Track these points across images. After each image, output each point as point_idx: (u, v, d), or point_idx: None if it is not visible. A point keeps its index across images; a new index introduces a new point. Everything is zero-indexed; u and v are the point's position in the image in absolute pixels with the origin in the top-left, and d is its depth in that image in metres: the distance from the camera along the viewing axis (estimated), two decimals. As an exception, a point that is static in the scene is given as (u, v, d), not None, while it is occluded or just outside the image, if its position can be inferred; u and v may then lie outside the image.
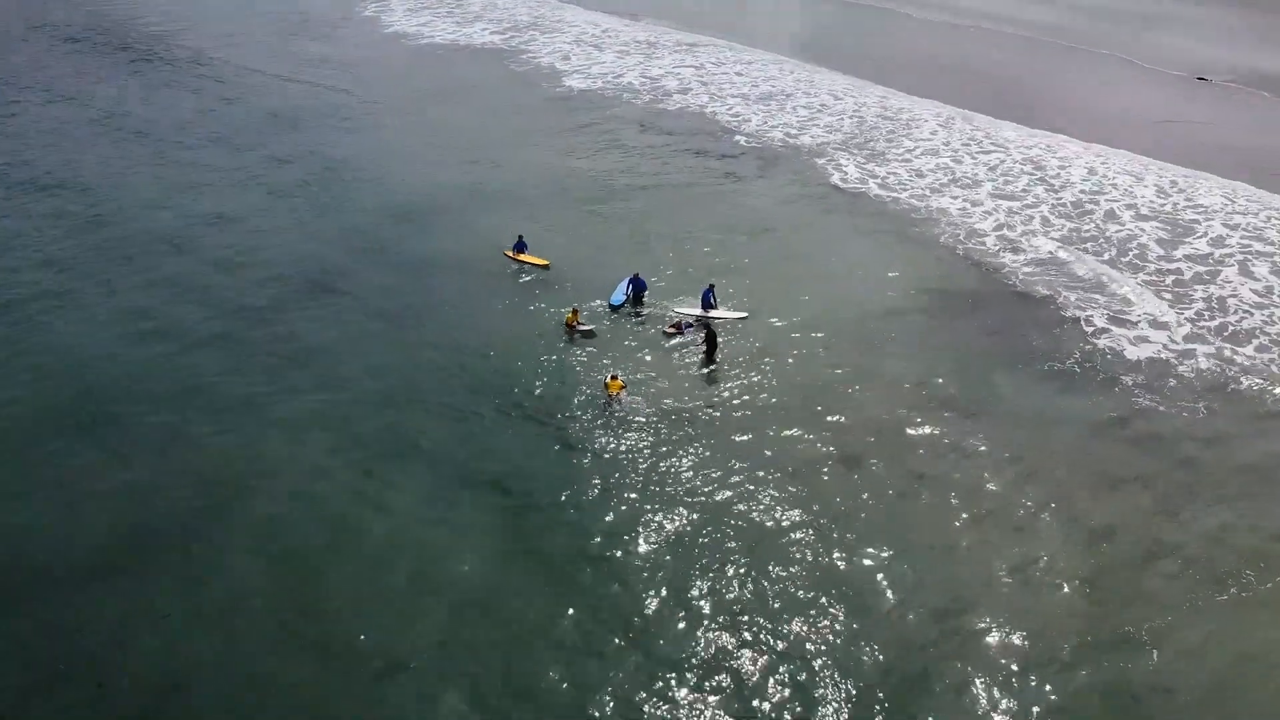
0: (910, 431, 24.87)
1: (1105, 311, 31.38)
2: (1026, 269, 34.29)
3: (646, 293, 31.00)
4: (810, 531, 21.12)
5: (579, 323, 29.04)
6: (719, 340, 28.34)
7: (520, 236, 34.08)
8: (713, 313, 30.27)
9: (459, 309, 30.32)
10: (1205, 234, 37.51)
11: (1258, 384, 27.59)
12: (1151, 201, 40.65)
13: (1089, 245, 36.27)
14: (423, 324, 29.34)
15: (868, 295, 31.93)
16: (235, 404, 24.97)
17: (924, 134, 48.68)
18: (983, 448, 24.25)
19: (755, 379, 26.85)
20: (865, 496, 22.38)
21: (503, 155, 44.02)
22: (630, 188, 40.86)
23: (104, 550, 19.93)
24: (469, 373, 26.84)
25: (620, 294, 30.72)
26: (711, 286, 30.87)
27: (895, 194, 40.84)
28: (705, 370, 27.44)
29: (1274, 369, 28.39)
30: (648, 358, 27.89)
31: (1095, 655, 18.35)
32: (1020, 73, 61.74)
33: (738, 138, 47.63)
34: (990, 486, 22.92)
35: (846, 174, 42.90)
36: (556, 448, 23.74)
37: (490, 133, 47.21)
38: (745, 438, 24.25)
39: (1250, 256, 35.72)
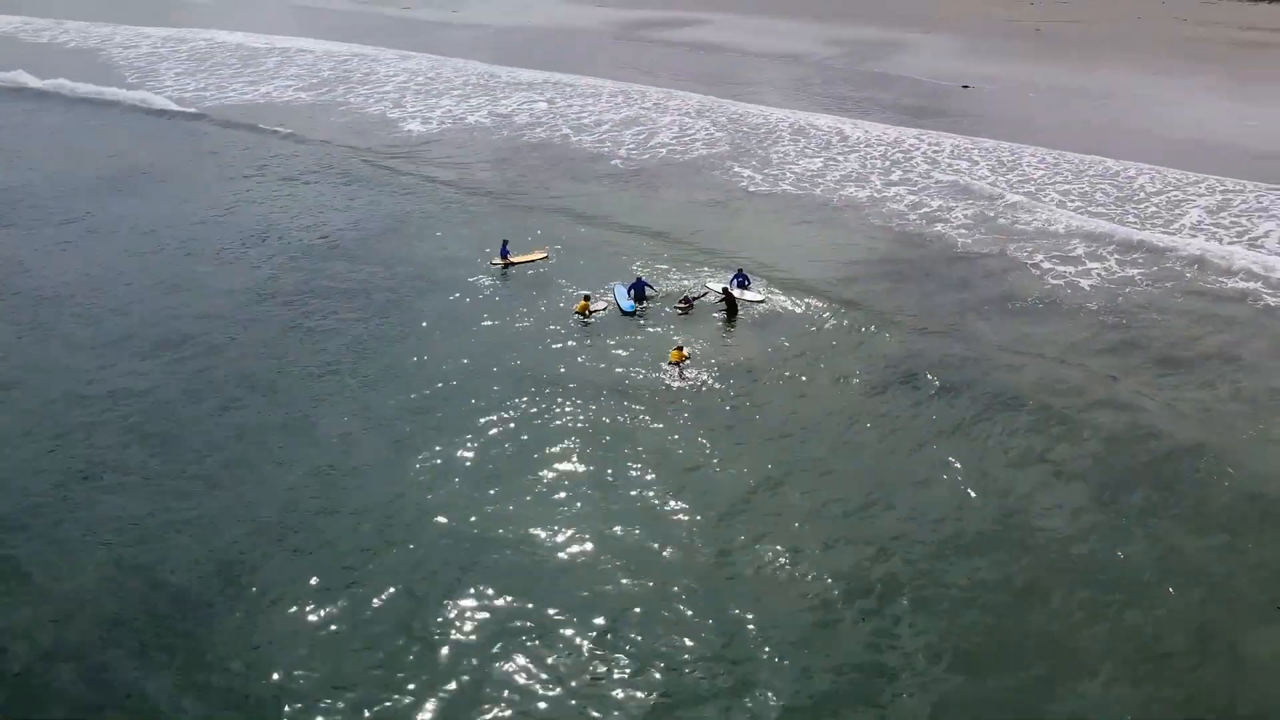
0: (909, 380, 28.05)
1: (1045, 255, 37.92)
2: (958, 232, 40.25)
3: (650, 290, 32.96)
4: (849, 462, 23.87)
5: (590, 309, 30.90)
6: (738, 307, 31.57)
7: (505, 242, 35.49)
8: (740, 293, 33.34)
9: (467, 321, 30.96)
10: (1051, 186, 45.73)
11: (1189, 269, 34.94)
12: (1000, 171, 48.63)
13: (982, 205, 43.08)
14: (436, 342, 29.51)
15: (832, 271, 35.77)
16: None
17: (789, 140, 54.49)
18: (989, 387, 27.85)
19: (782, 344, 29.70)
20: (892, 434, 25.39)
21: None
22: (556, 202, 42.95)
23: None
24: (512, 370, 27.56)
25: (627, 299, 32.04)
26: (741, 269, 34.06)
27: (809, 190, 45.80)
28: (728, 329, 30.50)
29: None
30: (674, 335, 29.96)
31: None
32: (849, 83, 69.89)
33: (614, 161, 50.23)
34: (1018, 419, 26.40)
35: (752, 178, 47.32)
36: (629, 418, 25.25)
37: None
38: (790, 396, 26.97)
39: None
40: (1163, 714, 16.82)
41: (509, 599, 18.88)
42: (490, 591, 19.04)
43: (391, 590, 19.02)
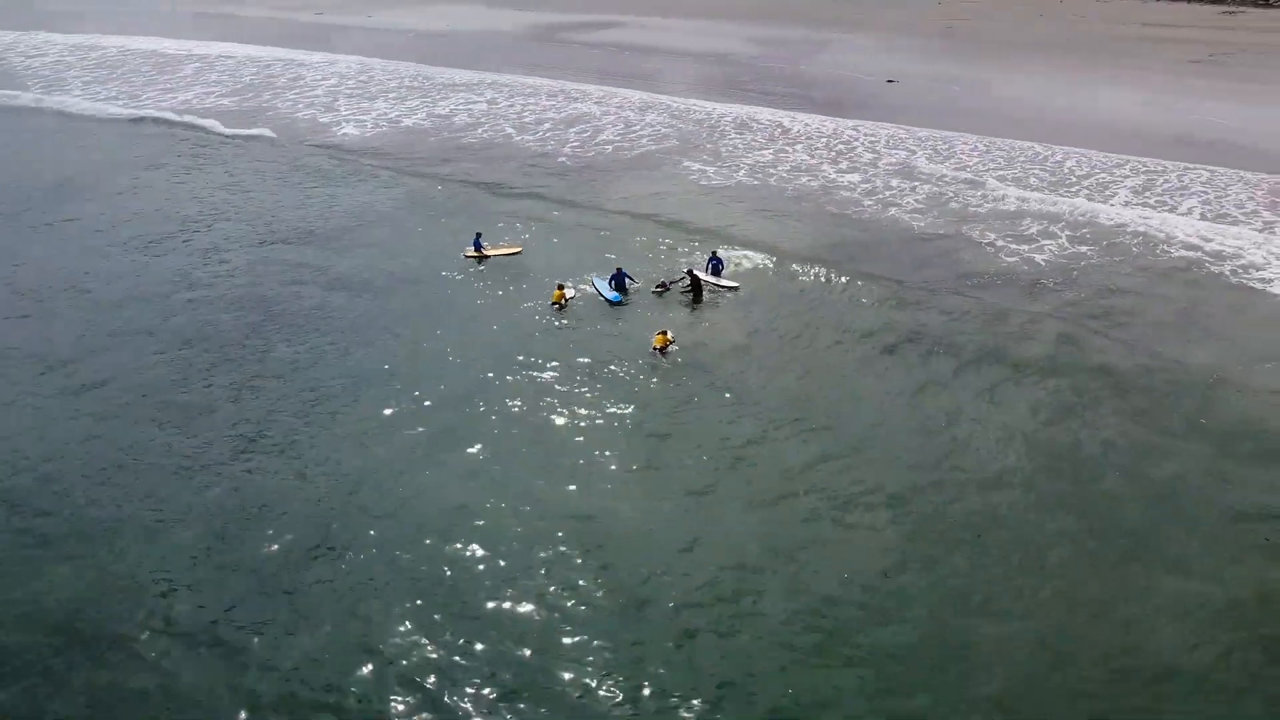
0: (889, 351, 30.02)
1: (998, 233, 39.65)
2: (913, 215, 41.78)
3: (630, 280, 33.54)
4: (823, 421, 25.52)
5: (565, 298, 31.35)
6: (703, 288, 32.72)
7: (478, 235, 35.65)
8: (711, 278, 34.04)
9: (447, 314, 31.30)
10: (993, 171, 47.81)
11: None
12: (937, 159, 50.55)
13: (931, 188, 44.76)
14: (414, 334, 29.82)
15: (800, 255, 37.00)
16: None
17: (734, 133, 55.53)
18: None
19: (761, 324, 30.92)
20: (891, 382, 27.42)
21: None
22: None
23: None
24: (489, 359, 28.06)
25: (610, 290, 32.65)
26: (715, 253, 34.81)
27: (764, 180, 46.86)
28: (693, 309, 31.61)
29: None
30: (650, 315, 31.12)
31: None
32: (780, 80, 71.27)
33: (561, 159, 50.58)
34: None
35: (704, 171, 48.20)
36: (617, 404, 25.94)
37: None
38: (772, 370, 28.29)
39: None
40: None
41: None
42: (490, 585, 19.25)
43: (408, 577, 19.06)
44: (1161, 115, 60.81)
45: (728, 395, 26.13)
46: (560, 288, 31.83)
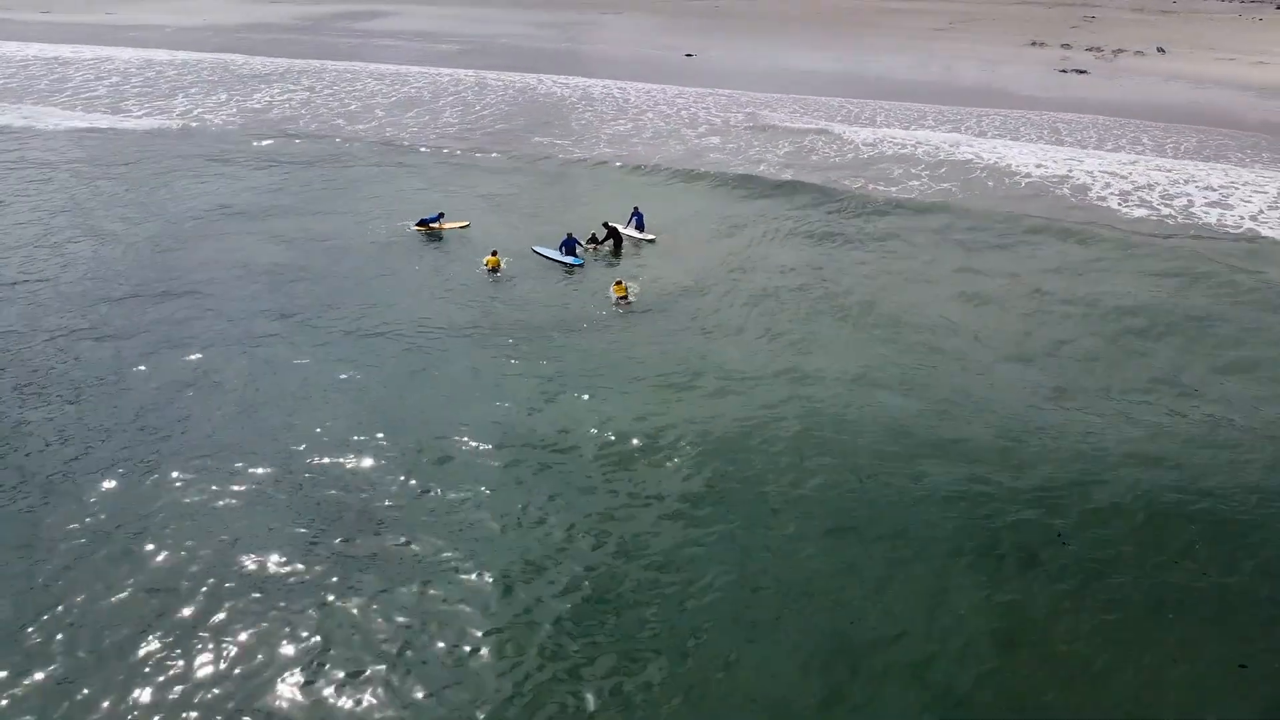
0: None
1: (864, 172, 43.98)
2: (783, 165, 45.29)
3: (579, 246, 34.52)
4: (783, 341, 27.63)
5: (500, 265, 32.26)
6: (622, 239, 34.61)
7: (441, 214, 35.83)
8: (634, 231, 35.74)
9: (390, 281, 31.08)
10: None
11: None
12: (768, 110, 54.74)
13: (789, 139, 48.63)
14: (367, 303, 29.22)
15: (705, 210, 39.45)
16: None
17: (583, 107, 57.01)
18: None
19: (693, 267, 32.61)
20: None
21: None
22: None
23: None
24: (457, 320, 28.13)
25: (564, 255, 33.11)
26: (636, 208, 36.34)
27: (631, 150, 48.74)
28: (614, 262, 33.18)
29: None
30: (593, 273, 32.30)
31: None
32: (585, 59, 72.84)
33: (423, 149, 48.82)
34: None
35: (566, 146, 49.21)
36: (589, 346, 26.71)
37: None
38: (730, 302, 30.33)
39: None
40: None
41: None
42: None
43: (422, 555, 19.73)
44: (930, 71, 68.67)
45: (702, 327, 27.68)
46: (494, 254, 32.20)
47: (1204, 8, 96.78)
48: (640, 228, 35.94)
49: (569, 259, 32.82)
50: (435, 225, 35.55)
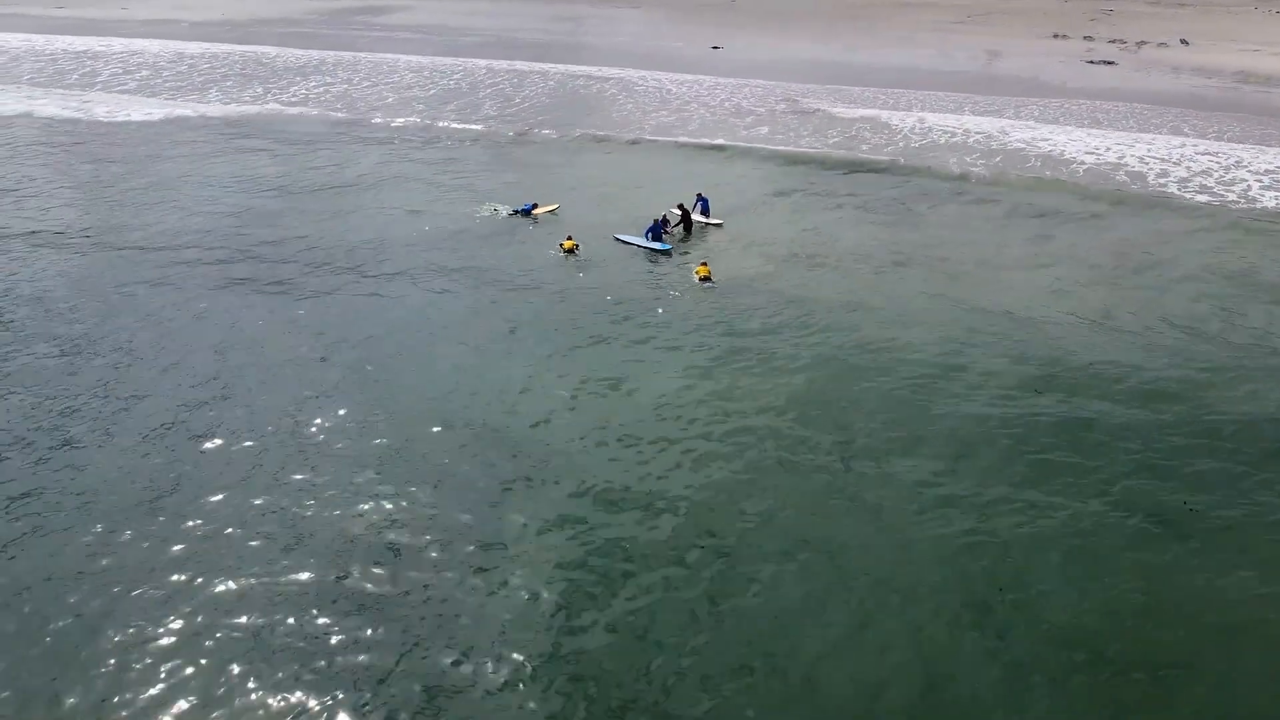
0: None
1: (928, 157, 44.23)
2: (839, 149, 45.55)
3: (668, 227, 34.56)
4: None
5: (576, 246, 32.46)
6: (693, 222, 34.70)
7: (534, 204, 36.10)
8: (700, 217, 35.88)
9: (468, 264, 31.03)
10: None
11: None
12: (826, 102, 55.00)
13: (840, 127, 48.85)
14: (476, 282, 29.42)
15: (766, 193, 39.89)
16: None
17: (624, 98, 57.12)
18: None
19: (767, 250, 32.72)
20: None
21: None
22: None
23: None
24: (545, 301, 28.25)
25: (652, 240, 33.09)
26: (700, 194, 36.43)
27: (674, 138, 48.89)
28: (684, 241, 33.45)
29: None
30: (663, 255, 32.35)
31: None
32: (614, 52, 72.98)
33: (474, 125, 50.19)
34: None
35: (616, 133, 49.41)
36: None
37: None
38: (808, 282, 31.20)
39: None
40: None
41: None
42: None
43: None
44: (955, 63, 69.05)
45: (788, 306, 27.75)
46: (570, 238, 32.31)
47: (1219, 1, 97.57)
48: (705, 213, 36.02)
49: (656, 245, 32.82)
50: (530, 213, 35.90)
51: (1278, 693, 14.41)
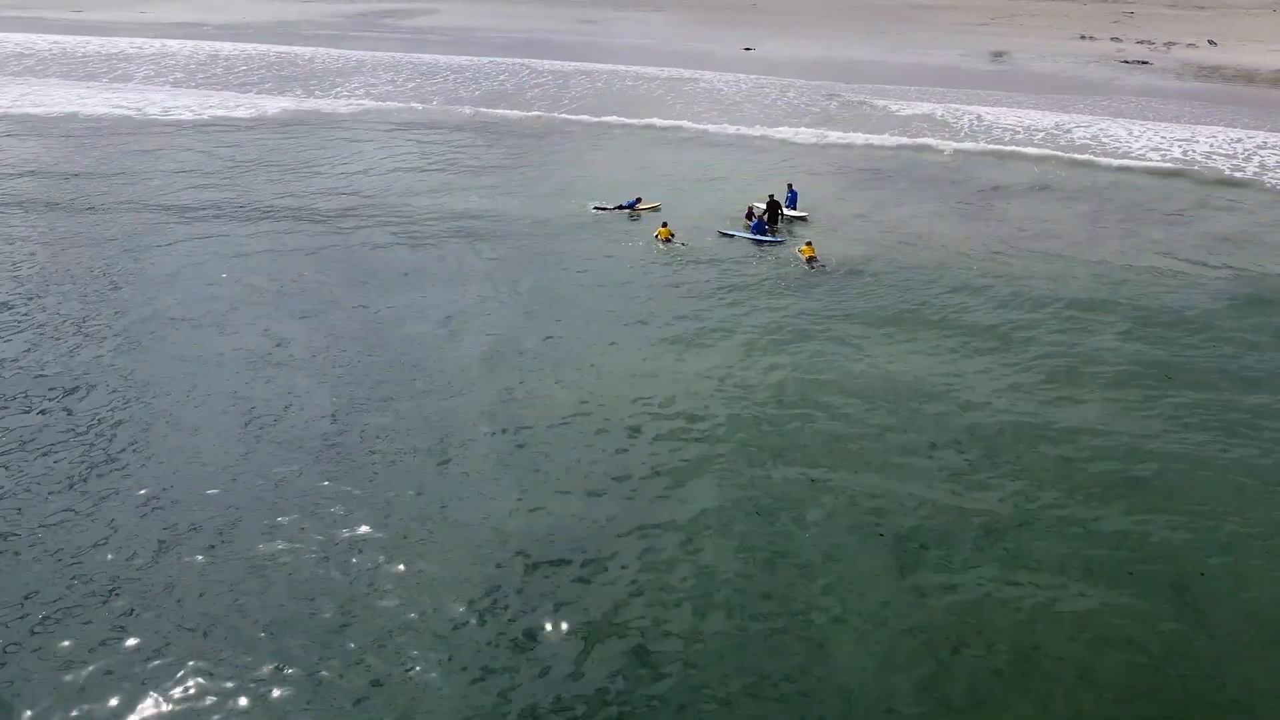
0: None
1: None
2: (900, 147, 45.77)
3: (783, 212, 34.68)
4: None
5: (672, 235, 32.58)
6: (780, 213, 34.47)
7: (639, 198, 36.15)
8: (787, 210, 35.93)
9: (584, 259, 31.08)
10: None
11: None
12: (868, 97, 55.26)
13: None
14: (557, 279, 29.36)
15: (844, 184, 40.14)
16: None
17: (666, 94, 57.29)
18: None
19: (858, 238, 32.98)
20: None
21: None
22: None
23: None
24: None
25: (758, 234, 33.23)
26: (790, 185, 36.50)
27: (745, 135, 49.00)
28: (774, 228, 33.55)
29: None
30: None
31: None
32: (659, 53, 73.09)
33: (528, 120, 50.44)
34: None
35: (680, 129, 49.48)
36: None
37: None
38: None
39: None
40: None
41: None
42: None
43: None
44: (992, 63, 69.59)
45: (891, 286, 28.17)
46: (664, 225, 32.44)
47: (1238, 2, 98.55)
48: (793, 205, 36.01)
49: (763, 238, 32.80)
50: (631, 209, 35.86)
51: None
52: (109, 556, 15.82)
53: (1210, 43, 75.84)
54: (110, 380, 21.79)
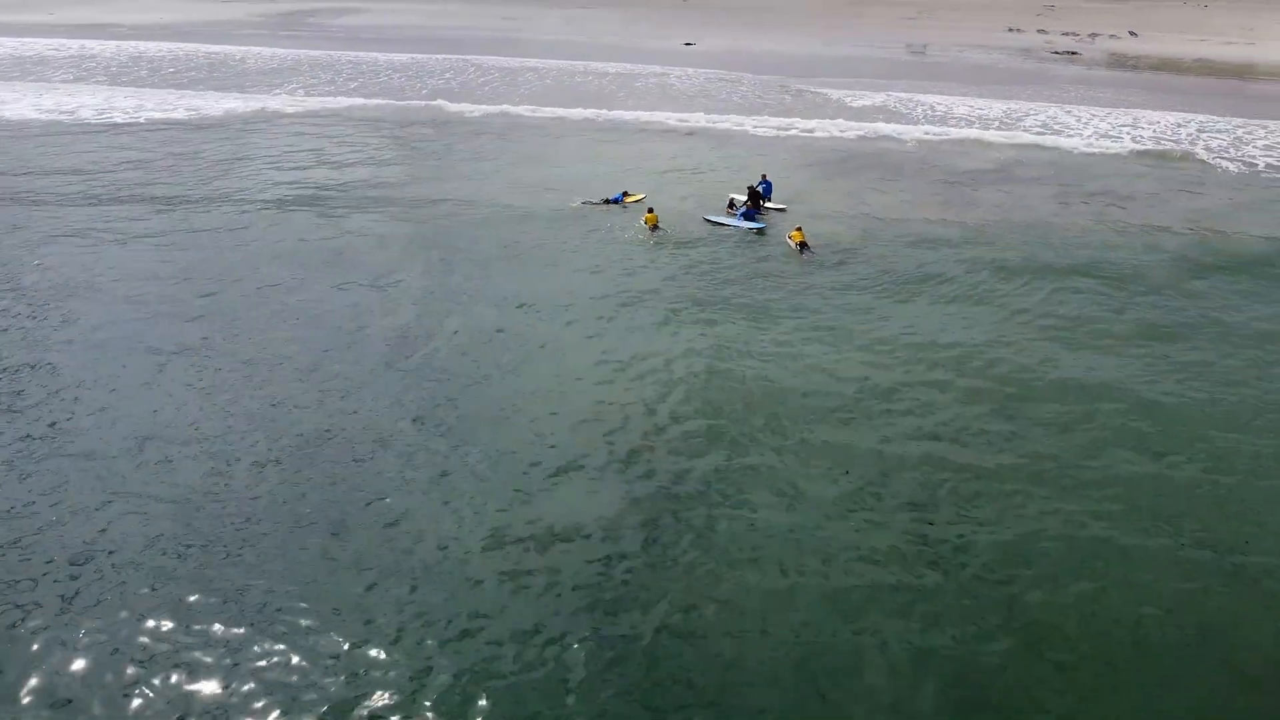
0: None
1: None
2: (838, 137, 46.21)
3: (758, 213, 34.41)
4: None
5: (658, 223, 32.50)
6: (761, 204, 34.34)
7: (625, 192, 35.65)
8: (766, 204, 35.93)
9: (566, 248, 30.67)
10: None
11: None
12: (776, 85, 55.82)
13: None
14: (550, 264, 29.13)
15: (820, 175, 40.44)
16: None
17: (617, 88, 56.88)
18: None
19: (836, 226, 33.01)
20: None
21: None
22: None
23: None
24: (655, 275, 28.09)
25: (750, 221, 33.24)
26: (764, 176, 36.44)
27: (710, 125, 48.90)
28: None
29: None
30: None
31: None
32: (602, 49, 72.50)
33: (492, 114, 49.64)
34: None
35: (644, 122, 49.19)
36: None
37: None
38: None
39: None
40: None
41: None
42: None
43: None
44: (931, 55, 71.02)
45: (881, 269, 28.36)
46: (651, 211, 32.22)
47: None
48: (768, 196, 35.88)
49: (751, 224, 32.63)
50: (621, 202, 35.35)
51: None
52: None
53: (1131, 34, 78.69)
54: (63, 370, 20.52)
